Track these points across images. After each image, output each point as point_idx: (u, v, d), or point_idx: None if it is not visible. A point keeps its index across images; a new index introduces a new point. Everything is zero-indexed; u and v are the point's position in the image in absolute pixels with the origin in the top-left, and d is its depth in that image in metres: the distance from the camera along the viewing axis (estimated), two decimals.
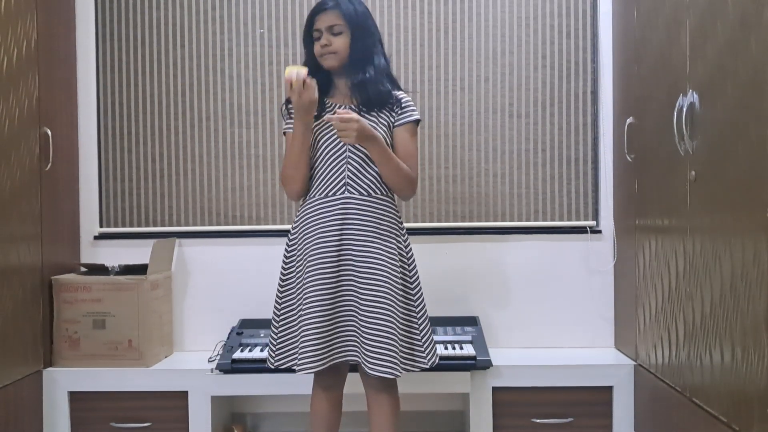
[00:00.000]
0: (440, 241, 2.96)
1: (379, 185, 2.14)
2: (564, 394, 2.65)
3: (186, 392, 2.65)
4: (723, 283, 1.87)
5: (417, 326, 2.13)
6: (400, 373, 2.03)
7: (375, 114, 2.15)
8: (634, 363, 2.65)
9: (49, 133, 2.69)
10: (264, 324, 2.83)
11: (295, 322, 2.13)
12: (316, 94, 2.05)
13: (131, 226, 3.01)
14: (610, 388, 2.65)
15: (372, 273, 2.07)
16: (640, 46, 2.54)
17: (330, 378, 2.16)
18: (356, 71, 2.15)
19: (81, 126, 2.99)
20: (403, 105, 2.18)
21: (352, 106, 2.15)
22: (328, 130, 2.14)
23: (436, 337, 2.70)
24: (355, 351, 2.08)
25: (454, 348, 2.63)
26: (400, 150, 2.16)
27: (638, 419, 2.61)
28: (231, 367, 2.61)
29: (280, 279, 2.20)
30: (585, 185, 2.96)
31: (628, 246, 2.73)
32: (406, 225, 2.93)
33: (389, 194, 2.17)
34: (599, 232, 2.96)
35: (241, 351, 2.67)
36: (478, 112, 2.96)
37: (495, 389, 2.63)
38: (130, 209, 3.02)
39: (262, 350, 2.67)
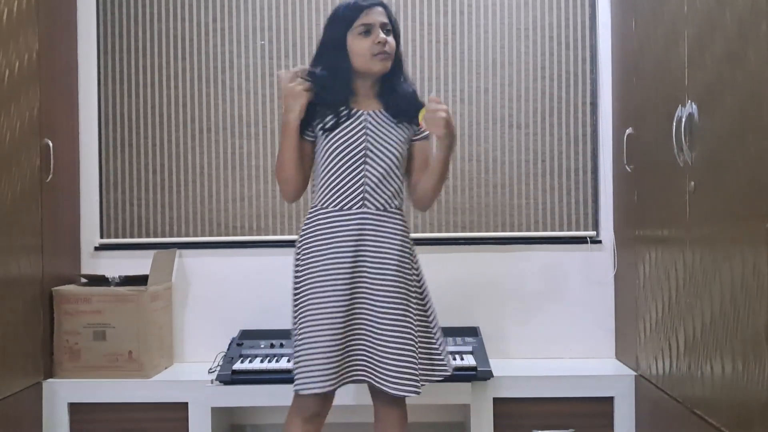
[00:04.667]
0: (440, 252, 2.96)
1: (393, 200, 2.06)
2: (565, 405, 2.64)
3: (186, 404, 2.64)
4: (723, 294, 1.87)
5: (433, 336, 2.08)
6: (420, 390, 1.97)
7: (401, 126, 2.07)
8: (634, 374, 2.65)
9: (50, 144, 2.69)
10: (264, 335, 2.83)
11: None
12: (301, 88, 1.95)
13: (132, 237, 3.02)
14: (611, 399, 2.64)
15: (389, 291, 1.99)
16: (639, 57, 2.55)
17: (318, 405, 1.98)
18: (395, 78, 2.06)
19: (82, 137, 3.00)
20: None
21: (380, 112, 2.06)
22: (346, 137, 2.02)
23: None
24: (365, 371, 1.99)
25: (454, 358, 2.63)
26: (427, 162, 2.11)
27: (639, 430, 2.60)
28: (231, 378, 2.60)
29: (294, 296, 2.04)
30: (585, 196, 2.97)
31: (628, 256, 2.73)
32: None
33: (400, 207, 2.09)
34: (599, 242, 2.96)
35: (242, 362, 2.67)
36: (478, 122, 2.97)
37: (496, 400, 2.62)
38: (131, 220, 3.02)
39: (262, 361, 2.66)
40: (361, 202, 2.01)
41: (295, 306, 2.03)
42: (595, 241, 2.96)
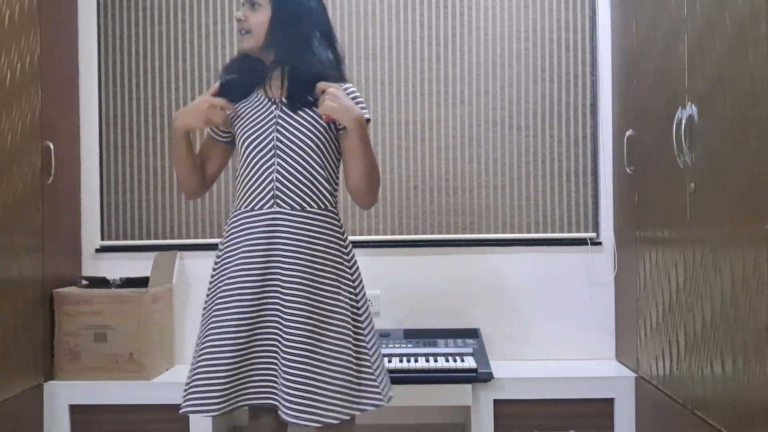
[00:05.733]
0: (441, 253, 2.97)
1: (315, 199, 1.84)
2: (565, 406, 2.64)
3: None
4: (723, 294, 1.88)
5: (369, 357, 1.83)
6: (327, 420, 1.73)
7: (316, 114, 1.84)
8: (635, 375, 2.65)
9: (51, 146, 2.70)
10: None
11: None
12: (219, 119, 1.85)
13: (132, 238, 3.02)
14: (611, 400, 2.64)
15: (300, 302, 1.77)
16: (639, 59, 2.56)
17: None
18: (281, 57, 1.85)
19: (83, 139, 3.00)
20: (354, 101, 1.86)
21: (278, 101, 1.88)
22: (254, 129, 1.86)
23: (437, 349, 2.71)
24: (273, 392, 1.78)
25: (455, 360, 2.63)
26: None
27: (640, 431, 2.60)
28: None
29: (205, 302, 1.90)
30: (585, 197, 2.97)
31: (629, 257, 2.73)
32: (407, 237, 2.97)
33: (330, 208, 1.87)
34: (599, 243, 2.96)
35: None
36: (478, 124, 2.98)
37: (496, 402, 2.62)
38: (132, 222, 3.02)
39: None
40: (272, 201, 1.83)
41: (203, 315, 1.88)
42: (596, 242, 2.96)
